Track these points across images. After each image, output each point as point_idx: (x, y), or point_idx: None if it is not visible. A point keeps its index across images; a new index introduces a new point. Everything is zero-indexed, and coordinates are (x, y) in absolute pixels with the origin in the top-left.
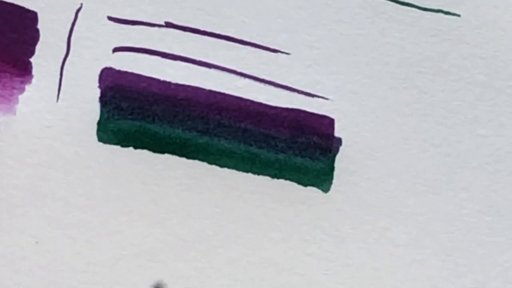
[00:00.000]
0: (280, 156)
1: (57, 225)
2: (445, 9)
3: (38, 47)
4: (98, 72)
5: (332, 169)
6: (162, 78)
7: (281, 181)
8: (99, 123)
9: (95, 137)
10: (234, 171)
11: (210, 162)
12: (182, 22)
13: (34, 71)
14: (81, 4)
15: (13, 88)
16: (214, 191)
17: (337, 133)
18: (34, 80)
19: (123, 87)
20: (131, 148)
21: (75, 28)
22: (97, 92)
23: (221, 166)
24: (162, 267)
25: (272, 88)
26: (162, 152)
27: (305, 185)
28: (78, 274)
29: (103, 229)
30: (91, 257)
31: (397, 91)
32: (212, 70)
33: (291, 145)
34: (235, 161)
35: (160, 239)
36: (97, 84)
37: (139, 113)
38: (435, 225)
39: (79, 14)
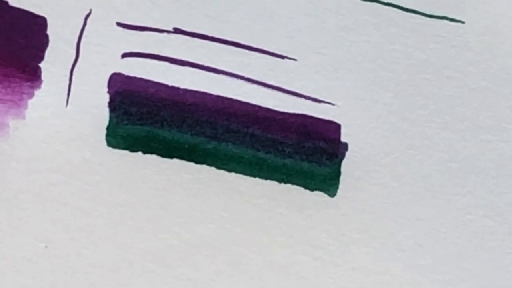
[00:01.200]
0: (287, 161)
1: (66, 230)
2: (450, 16)
3: (47, 52)
4: (107, 77)
5: (338, 174)
6: (170, 84)
7: (288, 185)
8: (108, 128)
9: (104, 142)
10: (241, 176)
11: (218, 167)
12: (190, 28)
13: (43, 77)
14: (90, 10)
15: (23, 93)
16: (221, 196)
17: (343, 139)
18: (43, 86)
19: (132, 92)
20: (140, 153)
21: (84, 33)
22: (106, 98)
23: (229, 170)
24: (169, 272)
25: (279, 93)
26: (171, 157)
27: (312, 189)
28: (86, 278)
29: (111, 233)
30: (99, 261)
31: (402, 97)
32: (220, 76)
33: (298, 150)
34: (242, 166)
35: (167, 243)
36: (106, 90)
37: (148, 118)
38: (440, 230)
39: (88, 20)
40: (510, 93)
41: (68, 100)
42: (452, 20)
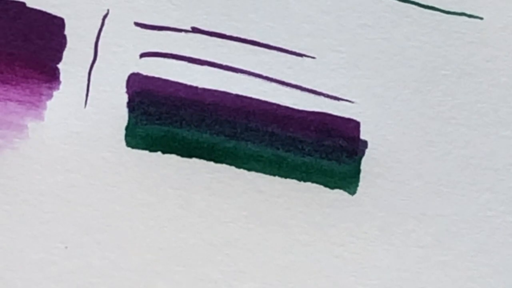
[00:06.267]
0: (307, 159)
1: (86, 231)
2: (468, 12)
3: (65, 53)
4: (126, 77)
5: (358, 171)
6: (189, 83)
7: (308, 184)
8: (127, 128)
9: (123, 143)
10: (261, 175)
11: (237, 166)
12: (208, 27)
13: (61, 78)
14: (108, 10)
15: (41, 94)
16: (241, 195)
17: (362, 136)
18: (61, 87)
19: (151, 92)
20: (159, 153)
21: (102, 34)
22: (125, 98)
23: (249, 169)
24: (190, 271)
25: (298, 92)
26: (190, 156)
27: (332, 187)
28: (107, 279)
29: (131, 234)
30: (119, 261)
31: (421, 94)
32: (239, 75)
33: (317, 148)
34: (262, 165)
35: (188, 243)
36: (125, 90)
37: (167, 118)
38: (460, 226)
39: (106, 20)
40: None
41: (87, 101)
42: (470, 16)
